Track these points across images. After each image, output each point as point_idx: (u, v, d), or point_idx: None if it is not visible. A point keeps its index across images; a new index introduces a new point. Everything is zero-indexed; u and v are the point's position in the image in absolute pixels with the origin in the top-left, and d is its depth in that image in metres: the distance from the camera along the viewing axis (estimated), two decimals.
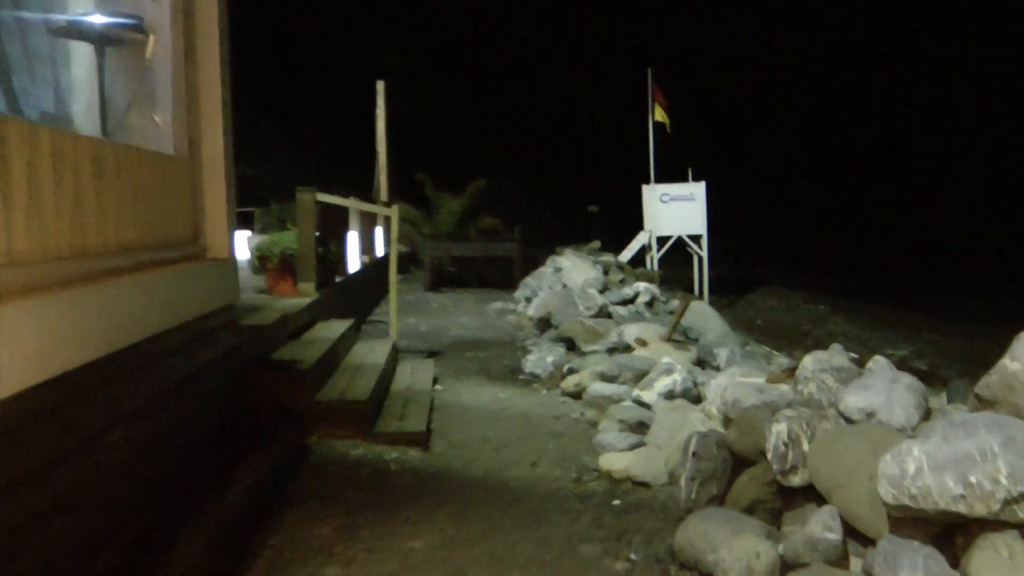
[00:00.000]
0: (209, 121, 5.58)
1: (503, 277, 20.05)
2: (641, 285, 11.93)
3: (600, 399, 7.53)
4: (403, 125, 23.94)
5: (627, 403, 7.21)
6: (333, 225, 12.55)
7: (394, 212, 9.82)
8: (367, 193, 22.78)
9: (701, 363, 8.87)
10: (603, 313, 10.80)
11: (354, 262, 13.77)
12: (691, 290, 21.56)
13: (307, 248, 9.42)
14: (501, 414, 7.78)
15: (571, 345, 10.43)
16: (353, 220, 14.57)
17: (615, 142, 39.62)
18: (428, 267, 19.79)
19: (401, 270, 22.97)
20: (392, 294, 9.91)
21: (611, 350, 9.53)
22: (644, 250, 21.75)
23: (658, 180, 21.87)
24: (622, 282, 12.99)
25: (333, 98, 32.12)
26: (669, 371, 7.19)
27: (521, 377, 9.82)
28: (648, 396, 7.04)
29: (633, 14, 50.70)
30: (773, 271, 30.33)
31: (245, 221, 22.29)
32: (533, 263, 20.36)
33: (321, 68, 34.76)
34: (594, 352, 9.60)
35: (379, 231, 19.33)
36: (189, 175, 5.51)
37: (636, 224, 21.93)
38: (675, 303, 12.08)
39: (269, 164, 26.81)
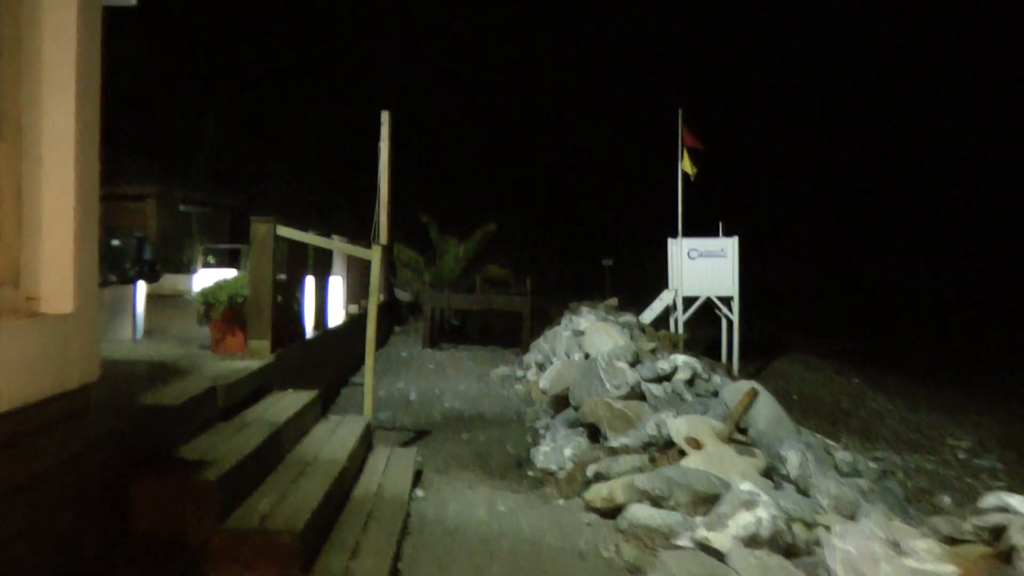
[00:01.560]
0: (43, 86, 3.44)
1: (510, 334, 17.85)
2: (680, 358, 9.75)
3: (643, 531, 5.32)
4: (409, 161, 21.86)
5: (685, 543, 4.99)
6: (320, 266, 10.41)
7: (375, 255, 7.65)
8: (367, 233, 20.69)
9: (768, 473, 6.66)
10: (635, 393, 8.62)
11: (336, 313, 11.61)
12: (717, 356, 19.47)
13: (261, 294, 7.26)
14: (500, 543, 5.53)
15: (594, 432, 8.23)
16: (338, 262, 12.43)
17: (635, 189, 37.54)
18: (427, 319, 17.58)
19: (400, 321, 20.81)
20: (368, 360, 7.71)
21: (647, 445, 7.33)
22: (668, 310, 19.72)
23: (683, 233, 19.90)
24: (654, 351, 10.84)
25: (341, 131, 30.15)
26: (750, 503, 4.94)
27: (530, 474, 7.63)
28: (720, 539, 4.79)
29: (660, 50, 48.80)
30: (794, 333, 28.29)
31: (232, 259, 20.31)
32: (543, 319, 18.25)
33: (328, 96, 32.78)
34: (625, 446, 7.41)
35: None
36: None
37: (655, 280, 20.05)
38: (718, 380, 9.87)
39: (266, 195, 24.77)
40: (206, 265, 18.18)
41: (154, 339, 8.59)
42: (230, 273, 16.75)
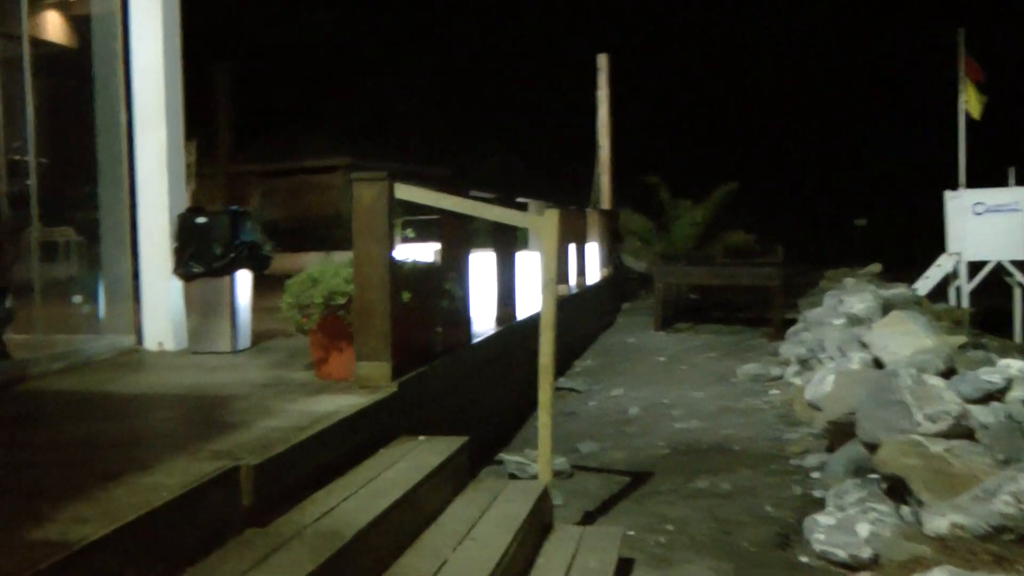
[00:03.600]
0: None
1: (757, 311, 14.67)
2: (1015, 366, 6.50)
3: None
4: (631, 115, 18.91)
5: None
6: (502, 238, 7.85)
7: (547, 223, 4.88)
8: (585, 199, 18.02)
9: None
10: (960, 429, 5.52)
11: (533, 296, 8.96)
12: (1011, 336, 15.58)
13: (372, 293, 4.72)
14: None
15: (897, 488, 5.26)
16: (534, 238, 9.83)
17: (890, 135, 32.70)
18: (659, 297, 14.67)
19: (629, 296, 17.99)
20: (543, 396, 4.91)
21: (1000, 530, 4.37)
22: (946, 279, 16.10)
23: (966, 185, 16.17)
24: (966, 348, 7.58)
25: (555, 90, 27.34)
26: None
27: (804, 560, 4.79)
28: None
29: None
30: None
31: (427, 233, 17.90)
32: (794, 291, 15.02)
33: (536, 45, 29.81)
34: (958, 528, 4.46)
35: (592, 249, 14.46)
36: None
37: (920, 243, 17.18)
38: None
39: (477, 164, 22.53)
40: (404, 240, 16.05)
41: (260, 350, 6.28)
42: (432, 247, 14.55)
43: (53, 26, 9.55)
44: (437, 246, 6.82)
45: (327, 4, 22.99)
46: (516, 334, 7.78)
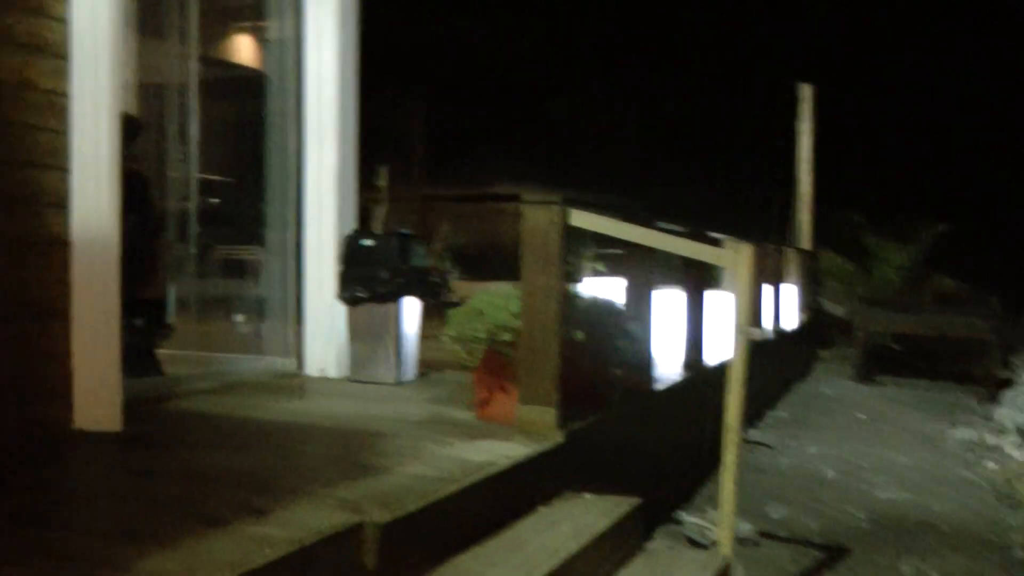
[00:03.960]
0: None
1: (967, 368, 13.35)
2: None
3: None
4: (823, 141, 17.80)
5: None
6: (693, 273, 7.26)
7: (741, 260, 4.25)
8: (776, 236, 17.03)
9: None
10: None
11: (723, 340, 8.26)
12: None
13: (540, 329, 4.21)
14: None
15: None
16: (727, 277, 9.12)
17: None
18: (859, 345, 13.59)
19: (827, 342, 16.83)
20: (729, 457, 4.26)
21: None
22: None
23: None
24: None
25: (741, 112, 26.14)
26: None
27: None
28: None
29: None
30: None
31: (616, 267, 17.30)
32: (1013, 349, 13.59)
33: (728, 73, 28.63)
34: None
35: (790, 290, 13.51)
36: None
37: None
38: None
39: (663, 193, 21.78)
40: (594, 274, 15.53)
41: (426, 382, 5.88)
42: (622, 283, 13.98)
43: (230, 48, 9.62)
44: (627, 281, 6.31)
45: (523, 30, 22.84)
46: (703, 381, 7.11)
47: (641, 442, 5.59)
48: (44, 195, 3.91)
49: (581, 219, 4.29)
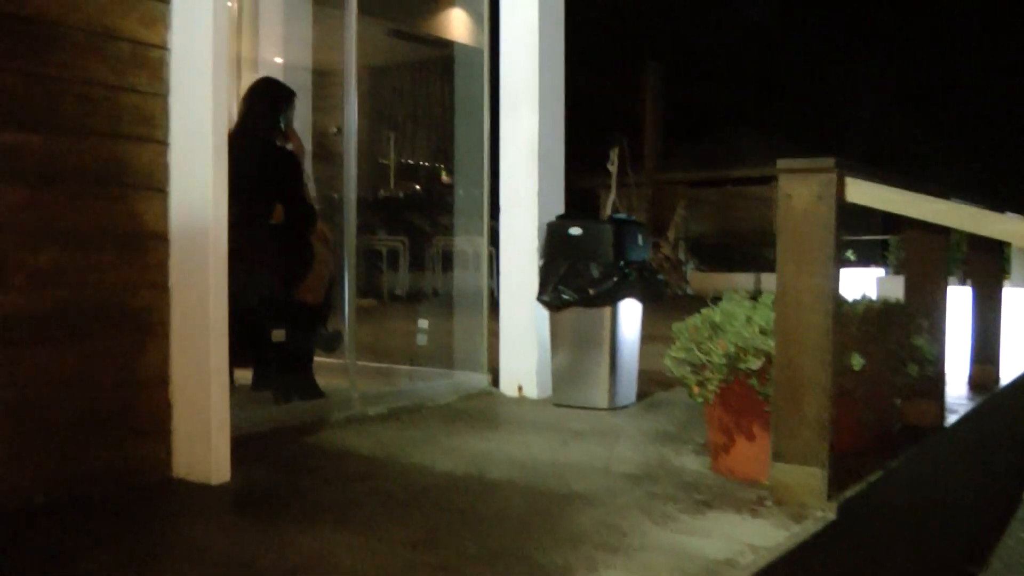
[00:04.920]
0: None
1: None
2: None
3: None
4: None
5: None
6: (982, 276, 5.74)
7: None
8: None
9: None
10: None
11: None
12: None
13: (806, 350, 2.91)
14: None
15: None
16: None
17: None
18: None
19: None
20: None
21: None
22: None
23: None
24: None
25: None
26: None
27: None
28: None
29: None
30: None
31: (882, 254, 15.44)
32: None
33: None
34: None
35: None
36: None
37: None
38: None
39: (932, 176, 19.49)
40: (844, 263, 13.74)
41: (647, 407, 4.67)
42: (874, 275, 12.05)
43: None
44: (880, 272, 4.86)
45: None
46: (1003, 406, 5.53)
47: (929, 494, 4.16)
48: (134, 175, 2.99)
49: (861, 192, 2.95)
